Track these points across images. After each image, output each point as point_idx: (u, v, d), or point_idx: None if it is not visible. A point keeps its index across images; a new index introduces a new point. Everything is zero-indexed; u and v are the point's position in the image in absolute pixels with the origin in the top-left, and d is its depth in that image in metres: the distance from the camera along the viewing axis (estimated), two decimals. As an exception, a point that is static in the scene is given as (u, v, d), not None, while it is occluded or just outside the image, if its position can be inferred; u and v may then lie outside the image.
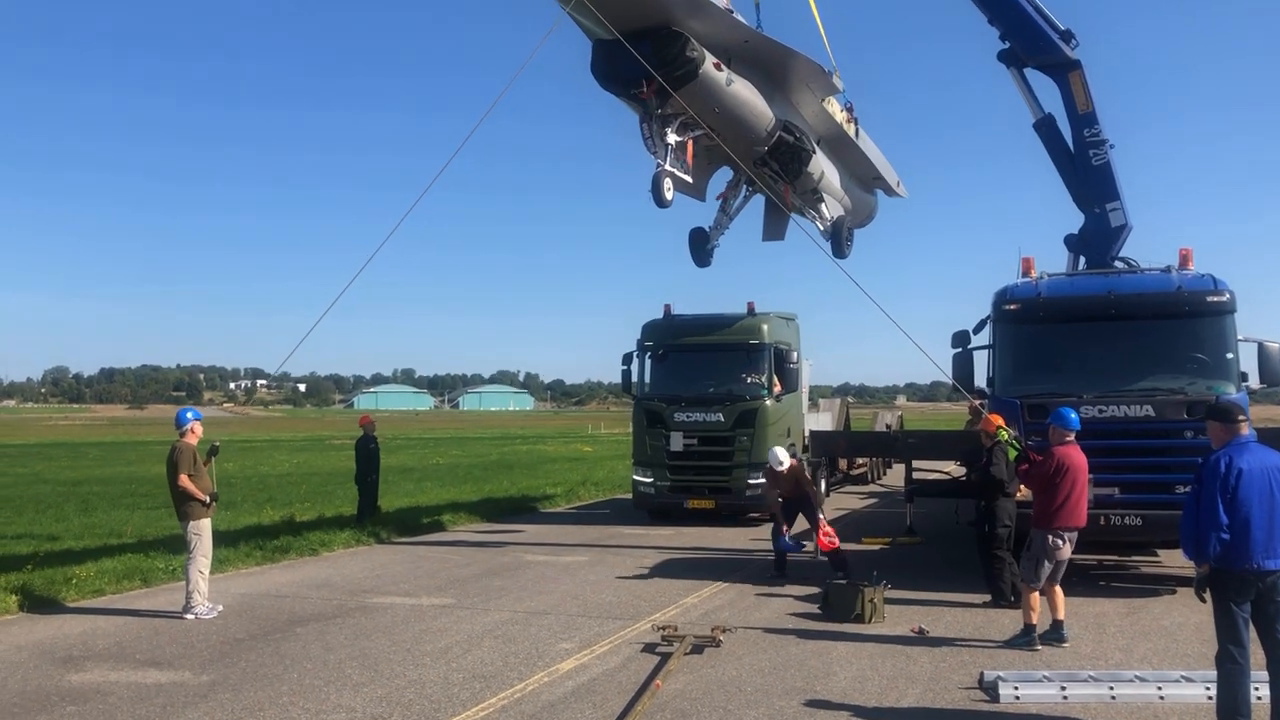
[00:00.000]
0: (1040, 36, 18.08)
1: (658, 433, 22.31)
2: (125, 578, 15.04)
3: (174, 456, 12.98)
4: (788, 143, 17.44)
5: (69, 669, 10.29)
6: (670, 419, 22.19)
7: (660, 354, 23.02)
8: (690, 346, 22.97)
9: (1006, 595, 13.03)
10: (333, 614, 12.96)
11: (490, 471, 40.46)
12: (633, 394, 23.33)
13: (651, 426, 22.48)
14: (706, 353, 22.86)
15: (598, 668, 10.21)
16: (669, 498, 22.44)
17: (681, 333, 23.07)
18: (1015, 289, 15.37)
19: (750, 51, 15.96)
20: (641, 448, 22.81)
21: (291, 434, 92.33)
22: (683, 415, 22.13)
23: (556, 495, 29.39)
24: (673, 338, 23.01)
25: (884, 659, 10.50)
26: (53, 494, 31.34)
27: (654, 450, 22.37)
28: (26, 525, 22.42)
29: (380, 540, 20.00)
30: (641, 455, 22.82)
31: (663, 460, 22.25)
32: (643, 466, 22.78)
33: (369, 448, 21.97)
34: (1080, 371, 14.64)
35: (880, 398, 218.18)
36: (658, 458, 22.32)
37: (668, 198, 15.11)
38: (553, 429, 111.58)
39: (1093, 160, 18.06)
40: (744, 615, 12.71)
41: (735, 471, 21.83)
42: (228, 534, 18.28)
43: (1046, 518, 11.09)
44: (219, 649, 11.10)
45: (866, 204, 22.92)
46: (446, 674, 9.97)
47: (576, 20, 14.25)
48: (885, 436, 24.05)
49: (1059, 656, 10.60)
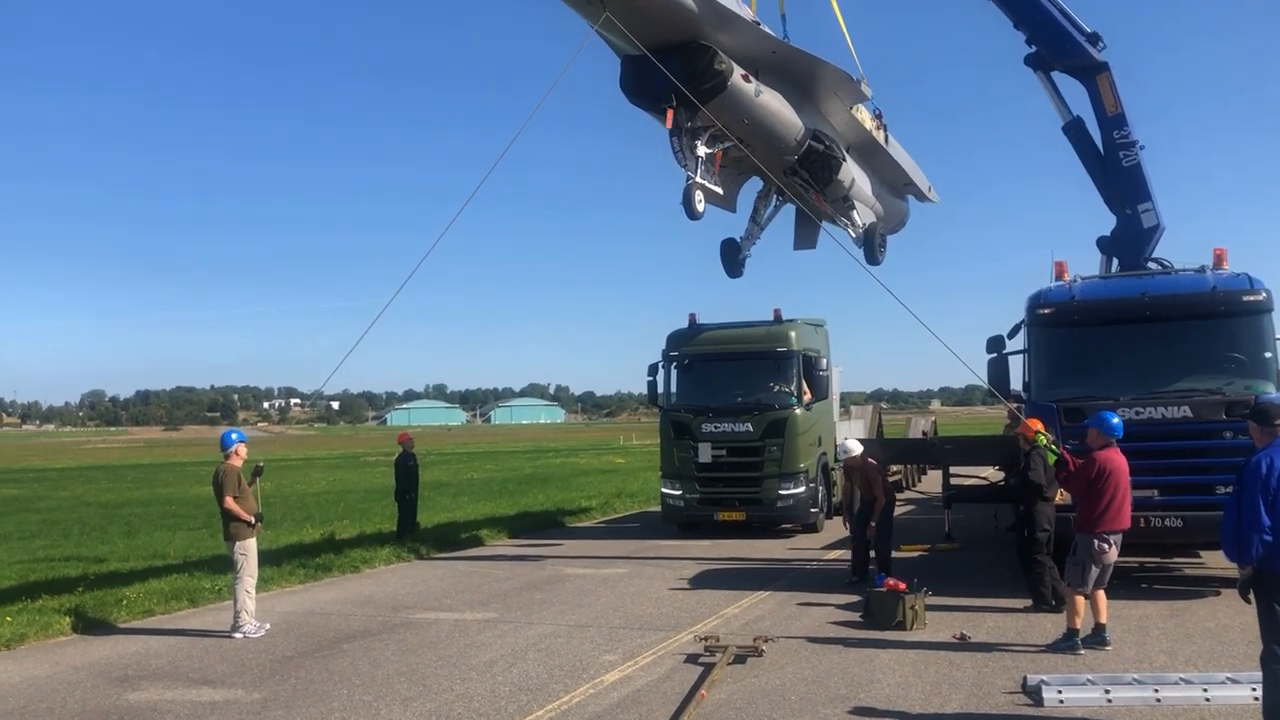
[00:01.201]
0: (1066, 40, 18.05)
1: (685, 444, 21.97)
2: (173, 598, 15.29)
3: (219, 479, 13.20)
4: (817, 151, 17.51)
5: (125, 688, 10.50)
6: (698, 430, 21.83)
7: (686, 364, 22.70)
8: (717, 355, 22.64)
9: (1047, 599, 13.01)
10: (378, 630, 13.13)
11: (525, 485, 40.64)
12: (659, 405, 23.06)
13: (679, 438, 22.13)
14: (733, 362, 22.50)
15: (642, 679, 10.31)
16: (698, 510, 22.09)
17: (707, 342, 22.76)
18: (1049, 292, 15.36)
19: (778, 62, 16.06)
20: (669, 460, 22.44)
21: (326, 452, 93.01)
22: (711, 426, 21.76)
23: (592, 508, 29.48)
24: (699, 347, 22.69)
25: (927, 665, 10.54)
26: (96, 516, 31.82)
27: (682, 462, 22.04)
28: (73, 548, 22.80)
29: (420, 556, 20.19)
30: (669, 467, 22.45)
31: (691, 472, 21.91)
32: (671, 479, 22.42)
33: (408, 465, 22.17)
34: (1116, 374, 14.59)
35: (914, 403, 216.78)
36: (686, 470, 21.98)
37: (699, 210, 15.21)
38: (585, 441, 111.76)
39: (1123, 162, 18.00)
40: (785, 625, 12.76)
41: (766, 482, 21.44)
42: (271, 553, 18.46)
43: (1091, 522, 11.07)
44: (269, 667, 11.29)
45: (898, 210, 22.88)
46: (493, 687, 10.10)
47: (604, 37, 14.41)
48: (921, 443, 24.05)
49: (1102, 660, 10.59)
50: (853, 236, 19.95)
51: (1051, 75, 18.87)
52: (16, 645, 12.71)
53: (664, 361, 22.91)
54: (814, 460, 22.04)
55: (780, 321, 22.51)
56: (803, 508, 21.54)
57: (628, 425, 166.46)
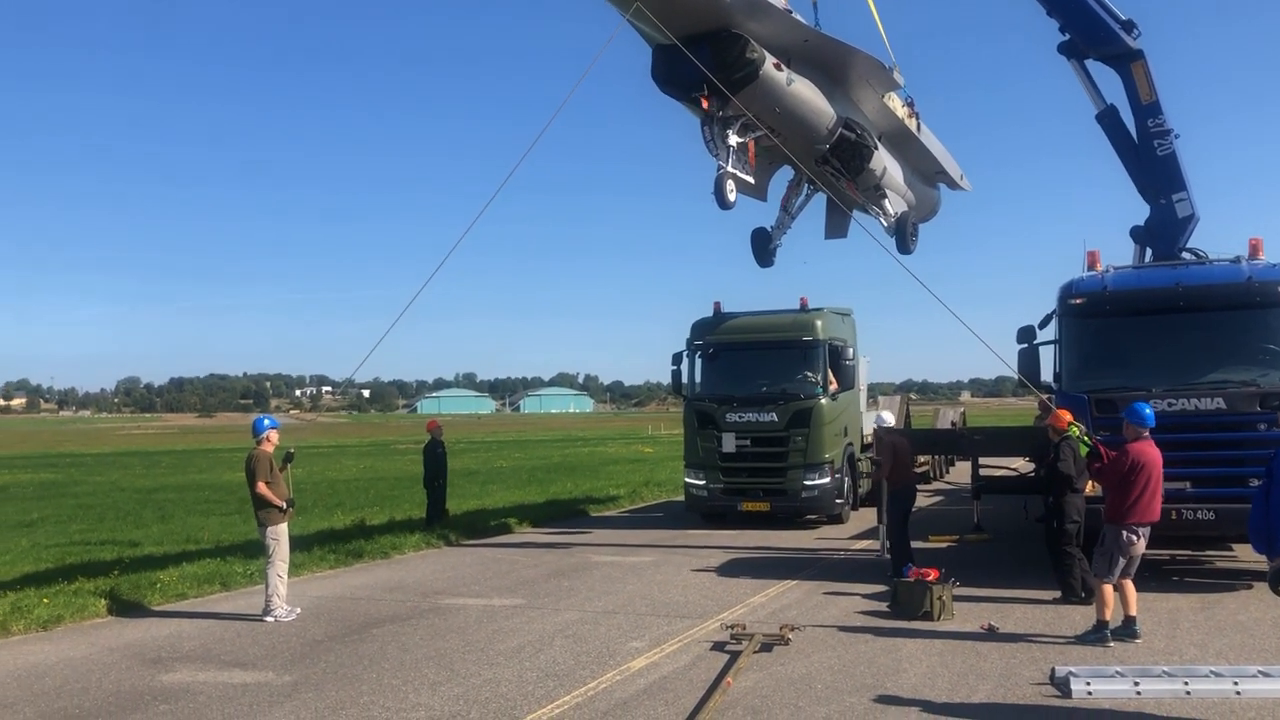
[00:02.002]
0: (1100, 27, 17.87)
1: (709, 434, 21.77)
2: (206, 582, 15.48)
3: (251, 464, 13.35)
4: (849, 140, 17.46)
5: (159, 669, 10.66)
6: (722, 419, 21.63)
7: (711, 353, 22.47)
8: (741, 344, 22.40)
9: (1077, 591, 12.95)
10: (407, 615, 13.25)
11: (553, 474, 40.78)
12: (683, 394, 22.85)
13: (703, 427, 21.95)
14: (758, 351, 22.24)
15: (668, 666, 10.35)
16: (722, 500, 21.95)
17: (732, 331, 22.54)
18: (1080, 282, 15.24)
19: (810, 50, 16.02)
20: (693, 449, 22.28)
21: (357, 439, 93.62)
22: (735, 415, 21.56)
23: (620, 496, 29.58)
24: (723, 336, 22.48)
25: (954, 656, 10.52)
26: (130, 501, 32.23)
27: (706, 452, 21.86)
28: (108, 532, 23.11)
29: (450, 543, 20.33)
30: (693, 457, 22.29)
31: (715, 462, 21.73)
32: (695, 469, 22.29)
33: (436, 452, 22.31)
34: (1149, 365, 14.46)
35: (944, 394, 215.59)
36: (710, 459, 21.80)
37: (730, 199, 15.21)
38: (613, 430, 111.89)
39: (1157, 151, 17.81)
40: (812, 614, 12.77)
41: (790, 473, 21.21)
42: (302, 538, 18.65)
43: (1120, 513, 11.00)
44: (299, 650, 11.42)
45: (930, 198, 22.77)
46: (520, 673, 10.18)
47: (636, 26, 14.42)
48: (950, 433, 23.82)
49: (1132, 652, 10.53)
50: (884, 225, 19.89)
51: (1085, 63, 18.69)
52: (54, 626, 12.93)
53: (688, 350, 22.71)
54: (840, 451, 21.83)
55: (806, 310, 22.29)
56: (828, 499, 21.38)
57: (656, 415, 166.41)
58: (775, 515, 21.80)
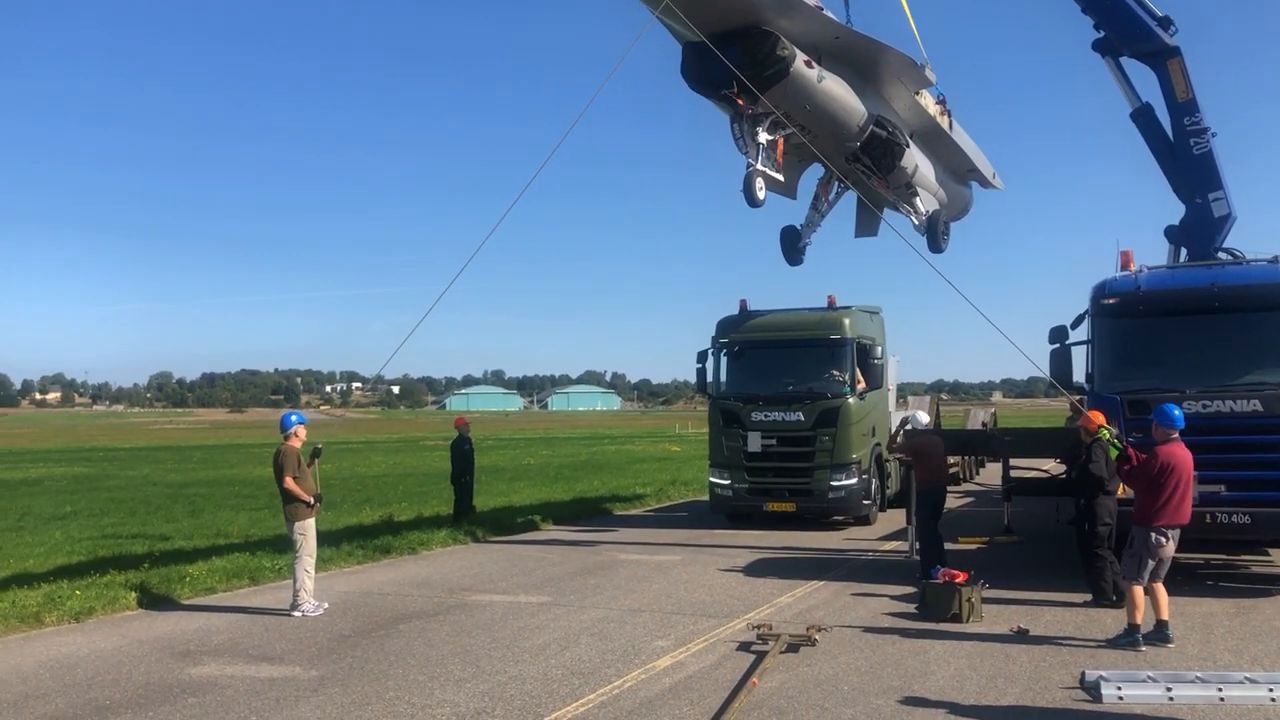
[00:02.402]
0: (1136, 24, 17.65)
1: (735, 433, 21.50)
2: (234, 576, 15.59)
3: (279, 460, 13.42)
4: (880, 137, 17.35)
5: (187, 663, 10.73)
6: (747, 419, 21.34)
7: (736, 351, 22.19)
8: (768, 343, 22.10)
9: (1108, 594, 12.80)
10: (434, 611, 13.27)
11: (580, 471, 40.82)
12: (708, 393, 22.58)
13: (728, 426, 21.67)
14: (785, 349, 21.95)
15: (693, 665, 10.31)
16: (747, 500, 21.64)
17: (758, 329, 22.20)
18: (1113, 283, 15.06)
19: (841, 47, 15.91)
20: (718, 449, 21.99)
21: (386, 435, 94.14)
22: (760, 415, 21.27)
23: (646, 495, 29.55)
24: (749, 334, 22.16)
25: (982, 658, 10.41)
26: (161, 496, 32.53)
27: (731, 451, 21.58)
28: (139, 526, 23.33)
29: (476, 539, 20.38)
30: (718, 456, 21.99)
31: (740, 461, 21.45)
32: (720, 468, 21.97)
33: (463, 449, 22.38)
34: (1183, 366, 14.27)
35: (975, 394, 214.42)
36: (735, 459, 21.52)
37: (760, 197, 15.14)
38: (641, 429, 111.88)
39: (1194, 149, 17.58)
40: (839, 614, 12.69)
41: (817, 473, 20.90)
42: (330, 534, 18.78)
43: (1150, 515, 10.88)
44: (326, 645, 11.46)
45: (962, 196, 22.58)
46: (546, 670, 10.17)
47: (665, 24, 14.37)
48: (981, 434, 23.64)
49: (1164, 657, 10.39)
50: (915, 224, 19.76)
51: (1120, 60, 18.47)
52: (85, 618, 13.06)
53: (713, 348, 22.41)
54: (867, 451, 21.51)
55: (834, 308, 21.98)
56: (855, 499, 21.08)
57: (683, 413, 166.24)
58: (801, 516, 21.55)
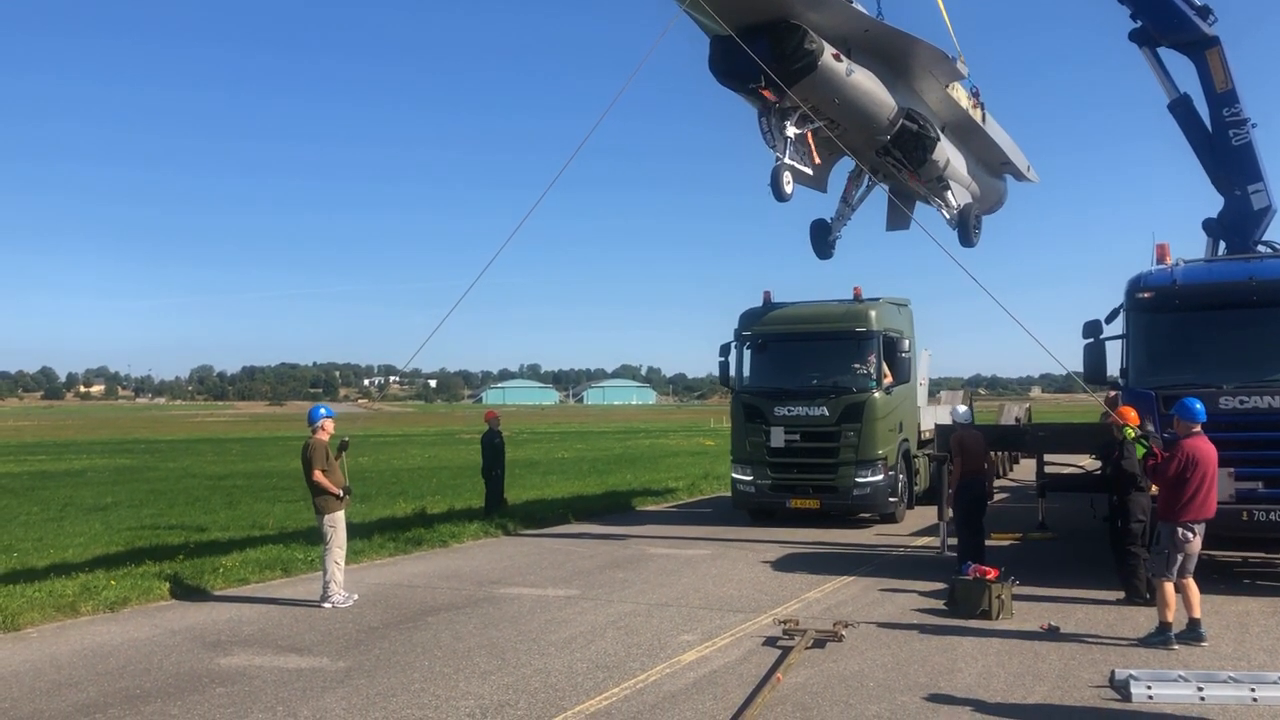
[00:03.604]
0: (1174, 13, 17.40)
1: (757, 428, 20.95)
2: (267, 567, 15.75)
3: (307, 453, 13.55)
4: (911, 131, 17.23)
5: (217, 653, 10.86)
6: (771, 413, 20.78)
7: (760, 344, 21.61)
8: (792, 335, 21.54)
9: (1141, 592, 12.64)
10: (462, 604, 13.35)
11: (614, 465, 40.83)
12: (731, 387, 22.00)
13: (751, 421, 21.12)
14: (809, 342, 21.38)
15: (719, 660, 10.30)
16: (770, 497, 21.15)
17: (782, 321, 21.69)
18: (1149, 276, 14.86)
19: (871, 40, 15.82)
20: (740, 444, 21.45)
21: (423, 429, 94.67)
22: (784, 409, 20.66)
23: (679, 489, 29.53)
24: (772, 326, 21.61)
25: (1011, 656, 10.33)
26: (200, 488, 32.90)
27: (754, 447, 21.01)
28: (178, 517, 23.63)
29: (507, 532, 20.46)
30: (741, 452, 21.45)
31: (763, 457, 20.88)
32: (742, 464, 21.39)
33: (494, 442, 22.46)
34: (1219, 361, 14.06)
35: (1013, 389, 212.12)
36: (758, 455, 20.96)
37: (787, 191, 15.06)
38: (675, 423, 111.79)
39: (1233, 141, 17.33)
40: (867, 610, 12.62)
41: (841, 469, 20.34)
42: (363, 526, 18.95)
43: (1175, 510, 10.78)
44: (355, 636, 11.56)
45: (995, 190, 22.33)
46: (570, 663, 10.19)
47: (693, 17, 14.33)
48: (1014, 430, 23.40)
49: (1197, 656, 10.26)
50: (946, 218, 19.60)
51: (1157, 51, 18.22)
52: (120, 608, 13.25)
53: (736, 341, 21.86)
54: (894, 447, 21.01)
55: (860, 300, 21.39)
56: (881, 496, 20.53)
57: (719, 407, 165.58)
58: (825, 513, 21.07)
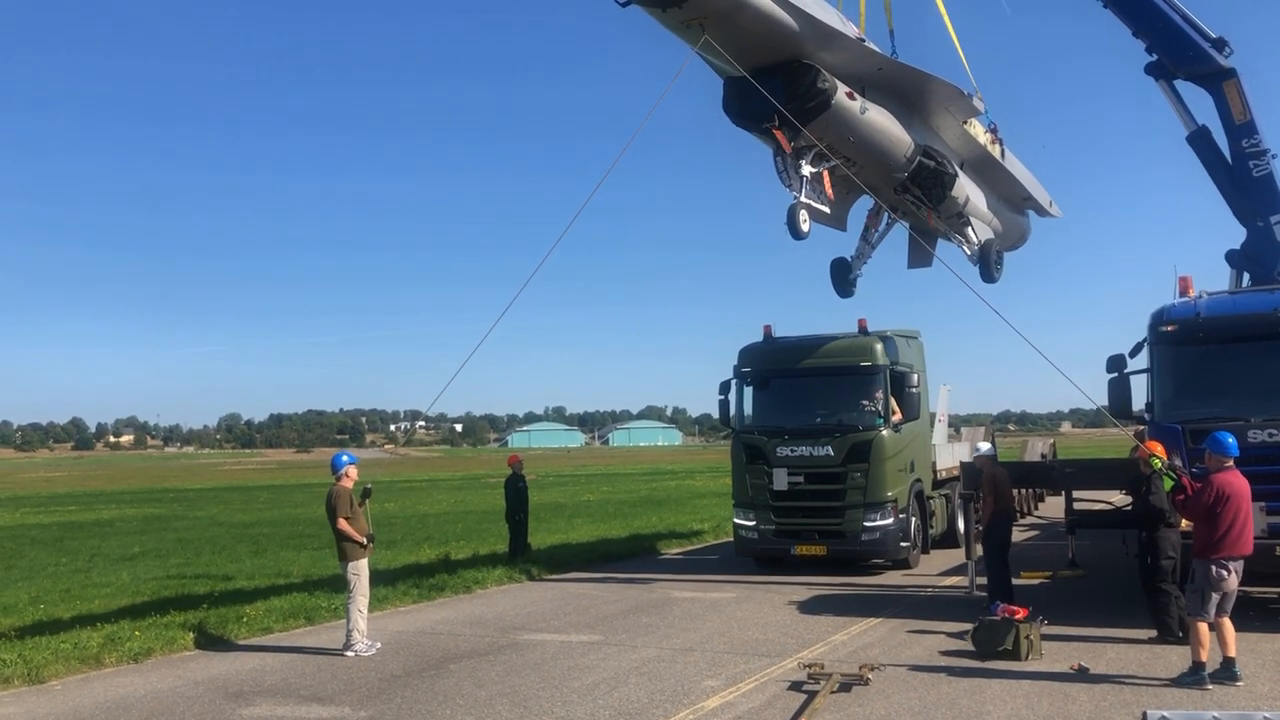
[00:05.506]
0: (1190, 46, 17.41)
1: (759, 470, 19.74)
2: (291, 616, 15.73)
3: (331, 500, 13.57)
4: (928, 168, 17.25)
5: (239, 703, 10.83)
6: (773, 454, 19.58)
7: (761, 381, 20.52)
8: (793, 372, 20.32)
9: (1174, 630, 12.41)
10: (485, 651, 13.27)
11: (639, 507, 40.67)
12: (731, 427, 20.95)
13: (752, 463, 19.91)
14: (812, 378, 20.17)
15: (743, 705, 10.17)
16: (774, 543, 19.86)
17: (784, 357, 20.45)
18: (1172, 309, 14.73)
19: (885, 78, 15.90)
20: (742, 487, 20.24)
21: (449, 473, 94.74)
22: (787, 449, 19.49)
23: (704, 530, 29.34)
24: (774, 363, 20.46)
25: (1040, 698, 10.15)
26: (227, 536, 33.04)
27: (755, 490, 19.82)
28: (204, 566, 23.71)
29: (531, 577, 20.36)
30: (742, 495, 20.23)
31: (766, 501, 19.70)
32: (744, 508, 20.18)
33: (517, 486, 22.43)
34: (1246, 393, 13.89)
35: (1043, 425, 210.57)
36: (760, 498, 19.76)
37: (804, 230, 15.09)
38: (702, 463, 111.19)
39: (1254, 172, 17.27)
40: (894, 652, 12.45)
41: (849, 513, 19.07)
42: (386, 573, 18.91)
43: (1209, 547, 10.58)
44: (377, 685, 11.50)
45: (1018, 225, 22.26)
46: (593, 711, 10.09)
47: (706, 59, 14.46)
48: (1041, 466, 23.11)
49: (1232, 696, 10.04)
50: (967, 254, 19.56)
51: (1174, 84, 18.21)
52: (144, 659, 13.24)
53: (736, 378, 20.76)
54: (905, 488, 19.81)
55: (865, 333, 20.11)
56: (891, 541, 19.19)
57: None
58: (833, 560, 19.73)
